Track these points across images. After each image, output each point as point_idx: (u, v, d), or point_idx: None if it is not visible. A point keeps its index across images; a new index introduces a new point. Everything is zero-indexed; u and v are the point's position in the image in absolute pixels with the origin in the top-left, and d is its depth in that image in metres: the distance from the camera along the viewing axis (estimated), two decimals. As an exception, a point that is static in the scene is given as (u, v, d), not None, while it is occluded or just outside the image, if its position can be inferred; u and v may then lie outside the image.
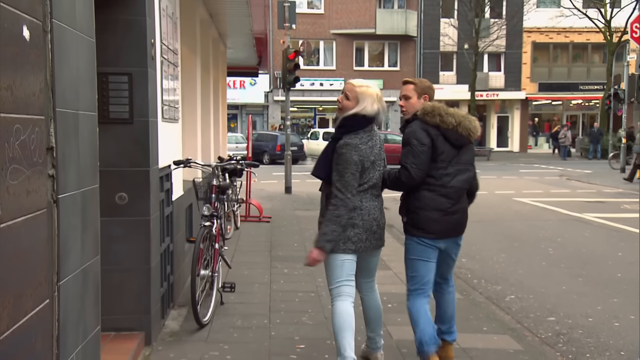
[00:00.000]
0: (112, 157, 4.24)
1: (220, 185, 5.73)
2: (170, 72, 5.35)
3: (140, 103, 4.29)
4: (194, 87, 7.51)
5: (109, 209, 4.21)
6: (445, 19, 36.90)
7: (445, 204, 3.90)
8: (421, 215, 3.89)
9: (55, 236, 2.50)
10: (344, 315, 3.74)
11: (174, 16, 5.60)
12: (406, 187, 3.92)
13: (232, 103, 32.98)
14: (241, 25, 10.00)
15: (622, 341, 5.06)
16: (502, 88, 38.14)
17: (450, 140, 3.91)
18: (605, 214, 12.35)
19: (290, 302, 5.69)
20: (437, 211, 3.88)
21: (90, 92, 2.98)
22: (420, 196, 3.90)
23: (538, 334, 5.20)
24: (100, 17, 3.52)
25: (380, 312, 4.15)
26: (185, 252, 6.21)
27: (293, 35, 17.43)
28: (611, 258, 8.26)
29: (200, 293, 5.04)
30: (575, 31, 36.92)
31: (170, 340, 4.65)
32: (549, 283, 6.90)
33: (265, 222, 10.61)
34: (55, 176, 2.48)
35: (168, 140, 5.21)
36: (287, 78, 15.36)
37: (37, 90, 2.27)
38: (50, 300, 2.42)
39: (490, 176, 21.94)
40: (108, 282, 4.15)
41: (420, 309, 3.93)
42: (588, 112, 40.24)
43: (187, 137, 7.21)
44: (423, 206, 3.89)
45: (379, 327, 4.13)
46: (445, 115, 3.90)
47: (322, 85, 36.97)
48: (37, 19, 2.29)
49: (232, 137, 27.69)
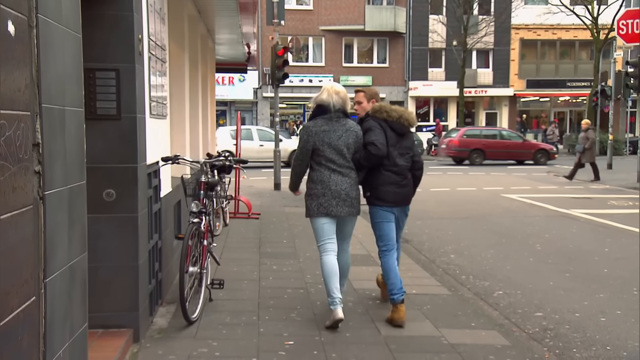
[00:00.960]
0: (100, 154, 4.22)
1: (208, 182, 5.71)
2: (158, 68, 5.33)
3: (127, 99, 4.26)
4: (183, 83, 7.48)
5: (97, 206, 4.18)
6: (434, 16, 36.93)
7: (397, 179, 5.14)
8: (380, 190, 5.11)
9: (42, 233, 2.49)
10: (329, 266, 4.94)
11: (161, 12, 5.57)
12: (375, 158, 4.98)
13: (221, 99, 32.91)
14: (229, 21, 9.97)
15: (609, 336, 5.10)
16: (491, 85, 38.26)
17: (395, 129, 5.13)
18: (592, 210, 12.45)
19: (279, 299, 5.69)
20: (391, 185, 5.12)
21: (76, 88, 2.96)
22: (378, 175, 5.11)
23: (525, 330, 5.23)
24: (86, 12, 3.50)
25: (347, 270, 5.29)
26: (174, 248, 6.20)
27: (282, 31, 17.40)
28: (598, 254, 8.33)
29: (189, 290, 5.02)
30: (562, 28, 37.10)
31: (158, 337, 4.64)
32: (537, 279, 6.94)
33: (254, 218, 10.60)
34: (41, 172, 2.47)
35: (156, 136, 5.18)
36: (276, 74, 15.34)
37: (22, 86, 2.25)
38: (36, 298, 2.40)
39: (478, 172, 22.06)
40: (95, 279, 4.13)
41: (391, 265, 5.12)
42: (575, 108, 40.46)
43: (175, 134, 7.18)
44: (381, 182, 5.11)
45: (343, 279, 5.22)
46: (390, 111, 5.15)
47: (311, 81, 36.91)
48: (22, 13, 2.27)
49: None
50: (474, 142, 26.26)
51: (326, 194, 4.92)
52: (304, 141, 5.03)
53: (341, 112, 5.03)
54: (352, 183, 5.01)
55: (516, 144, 26.30)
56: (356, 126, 5.10)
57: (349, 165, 5.01)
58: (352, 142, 5.00)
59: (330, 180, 4.93)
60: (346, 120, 5.05)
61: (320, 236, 5.01)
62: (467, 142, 26.26)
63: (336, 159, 4.95)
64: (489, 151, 25.93)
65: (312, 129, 4.98)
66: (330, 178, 4.94)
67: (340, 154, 4.96)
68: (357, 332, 4.81)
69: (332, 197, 4.91)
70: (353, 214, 5.06)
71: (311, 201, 4.97)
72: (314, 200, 4.95)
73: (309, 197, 5.01)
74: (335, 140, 4.95)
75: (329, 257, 4.95)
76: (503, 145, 26.20)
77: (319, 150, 4.96)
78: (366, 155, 4.98)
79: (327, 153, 4.95)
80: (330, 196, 4.91)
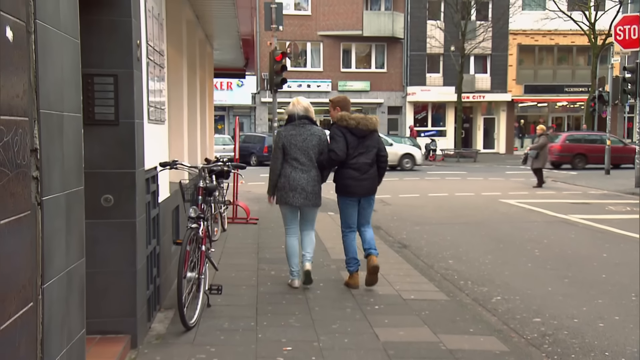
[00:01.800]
0: (98, 159, 4.21)
1: (207, 187, 5.70)
2: (157, 73, 5.33)
3: (125, 104, 4.26)
4: (181, 88, 7.48)
5: (95, 211, 4.18)
6: (431, 21, 37.03)
7: (356, 175, 6.18)
8: (341, 183, 6.26)
9: (40, 239, 2.48)
10: (290, 247, 6.29)
11: (160, 17, 5.58)
12: (335, 162, 6.16)
13: (219, 104, 32.90)
14: (228, 26, 9.98)
15: (607, 342, 5.10)
16: (489, 90, 38.34)
17: (355, 134, 6.16)
18: (591, 215, 12.46)
19: (277, 305, 5.68)
20: (350, 179, 6.19)
21: (74, 94, 2.96)
22: (341, 171, 6.24)
23: (524, 335, 5.22)
24: (85, 17, 3.50)
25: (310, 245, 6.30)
26: (172, 254, 6.18)
27: (280, 37, 17.43)
28: (596, 259, 8.33)
29: (187, 295, 5.01)
30: (560, 34, 37.20)
31: (156, 343, 4.62)
32: (535, 284, 6.94)
33: (252, 224, 10.58)
34: (39, 178, 2.46)
35: (154, 141, 5.18)
36: (274, 80, 15.36)
37: (20, 92, 2.25)
38: (34, 303, 2.39)
39: (476, 178, 22.07)
40: (93, 285, 4.12)
41: (351, 243, 6.34)
42: (573, 114, 40.54)
43: (173, 139, 7.17)
44: (343, 177, 6.23)
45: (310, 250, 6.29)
46: (348, 120, 6.16)
47: (309, 86, 36.98)
48: (20, 19, 2.27)
49: (219, 139, 27.63)
50: (576, 147, 26.80)
51: (286, 187, 6.08)
52: (276, 142, 6.26)
53: (306, 119, 6.16)
54: (309, 179, 6.09)
55: (618, 149, 26.20)
56: (320, 131, 6.22)
57: (311, 164, 6.11)
58: (315, 144, 6.12)
59: (290, 176, 6.07)
60: (311, 126, 6.18)
61: (284, 222, 6.34)
62: (569, 147, 26.81)
63: (300, 158, 6.08)
64: (591, 155, 26.26)
65: (282, 133, 6.18)
66: (291, 174, 6.08)
67: (304, 154, 6.08)
68: (355, 337, 4.80)
69: (290, 189, 6.07)
70: (309, 205, 6.15)
71: (277, 192, 6.18)
72: (279, 192, 6.15)
73: (277, 189, 6.18)
74: (301, 142, 6.09)
75: (291, 239, 6.28)
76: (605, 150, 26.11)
77: (287, 150, 6.10)
78: (328, 159, 6.15)
79: (293, 152, 6.08)
80: (289, 189, 6.07)
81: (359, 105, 38.46)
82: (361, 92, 37.65)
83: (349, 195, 6.26)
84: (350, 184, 6.18)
